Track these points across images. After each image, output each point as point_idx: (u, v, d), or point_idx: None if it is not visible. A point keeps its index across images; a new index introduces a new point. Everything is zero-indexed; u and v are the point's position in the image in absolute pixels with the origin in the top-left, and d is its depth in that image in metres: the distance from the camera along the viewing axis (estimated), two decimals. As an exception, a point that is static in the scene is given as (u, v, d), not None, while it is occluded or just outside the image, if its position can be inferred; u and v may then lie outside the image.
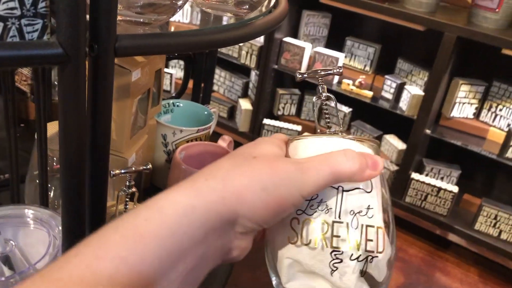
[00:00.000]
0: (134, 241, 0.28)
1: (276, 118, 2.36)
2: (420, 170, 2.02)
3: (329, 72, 0.39)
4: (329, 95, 0.39)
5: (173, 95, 1.06)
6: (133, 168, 0.55)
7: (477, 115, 1.96)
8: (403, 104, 1.96)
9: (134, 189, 0.57)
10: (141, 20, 0.40)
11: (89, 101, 0.40)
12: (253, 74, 2.41)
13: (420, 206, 1.97)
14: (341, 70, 0.39)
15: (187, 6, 0.67)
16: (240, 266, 1.76)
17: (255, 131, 2.34)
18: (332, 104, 0.41)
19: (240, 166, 0.32)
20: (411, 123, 1.91)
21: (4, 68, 0.50)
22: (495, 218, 1.85)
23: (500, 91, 1.90)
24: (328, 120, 0.39)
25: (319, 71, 0.39)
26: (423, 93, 1.89)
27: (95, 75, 0.37)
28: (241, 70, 2.49)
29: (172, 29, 0.84)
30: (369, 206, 0.35)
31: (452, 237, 1.96)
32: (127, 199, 0.57)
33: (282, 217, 0.34)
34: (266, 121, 2.30)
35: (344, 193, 0.35)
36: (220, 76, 2.54)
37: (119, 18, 0.39)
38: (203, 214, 0.30)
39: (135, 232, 0.28)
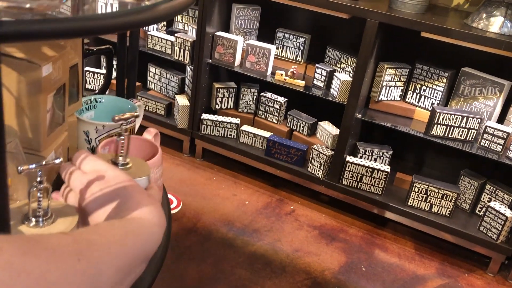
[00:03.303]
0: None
1: (215, 112, 2.37)
2: (354, 153, 2.10)
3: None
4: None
5: (96, 92, 1.05)
6: (43, 163, 0.55)
7: (403, 97, 2.06)
8: (334, 90, 2.03)
9: (46, 185, 0.56)
10: (28, 5, 0.40)
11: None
12: (189, 70, 2.41)
13: (357, 187, 2.05)
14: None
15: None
16: (185, 259, 1.77)
17: (194, 127, 2.35)
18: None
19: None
20: (342, 109, 1.98)
21: None
22: (426, 193, 1.96)
23: (423, 72, 2.00)
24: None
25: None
26: (351, 79, 1.96)
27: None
28: (177, 67, 2.48)
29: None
30: None
31: (388, 215, 2.05)
32: (39, 196, 0.56)
33: None
34: (204, 116, 2.30)
35: None
36: (156, 74, 2.52)
37: (4, 4, 0.39)
38: None
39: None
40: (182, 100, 2.38)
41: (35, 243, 0.33)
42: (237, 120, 2.30)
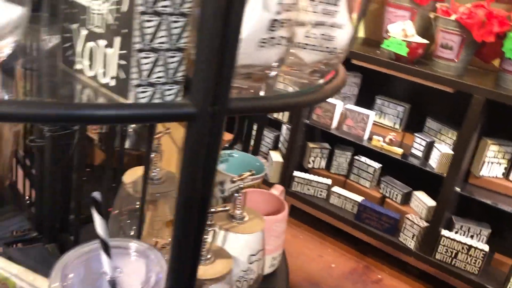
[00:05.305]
0: None
1: (306, 170, 2.43)
2: (449, 227, 2.04)
3: None
4: None
5: (226, 145, 1.15)
6: (214, 209, 0.62)
7: (506, 174, 2.00)
8: (433, 162, 2.02)
9: (215, 228, 0.64)
10: (243, 86, 0.49)
11: (204, 156, 0.48)
12: (284, 128, 2.51)
13: (451, 264, 1.98)
14: None
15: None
16: None
17: (285, 182, 2.41)
18: None
19: None
20: (440, 180, 1.96)
21: (152, 122, 0.59)
22: (527, 278, 1.85)
23: (529, 152, 1.95)
24: None
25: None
26: (452, 152, 1.94)
27: (212, 131, 0.45)
28: (272, 124, 2.59)
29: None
30: None
31: (484, 297, 1.94)
32: (206, 237, 0.64)
33: None
34: (296, 173, 2.36)
35: None
36: (253, 130, 2.65)
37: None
38: None
39: None
40: (275, 156, 2.47)
41: None
42: (329, 181, 2.34)
